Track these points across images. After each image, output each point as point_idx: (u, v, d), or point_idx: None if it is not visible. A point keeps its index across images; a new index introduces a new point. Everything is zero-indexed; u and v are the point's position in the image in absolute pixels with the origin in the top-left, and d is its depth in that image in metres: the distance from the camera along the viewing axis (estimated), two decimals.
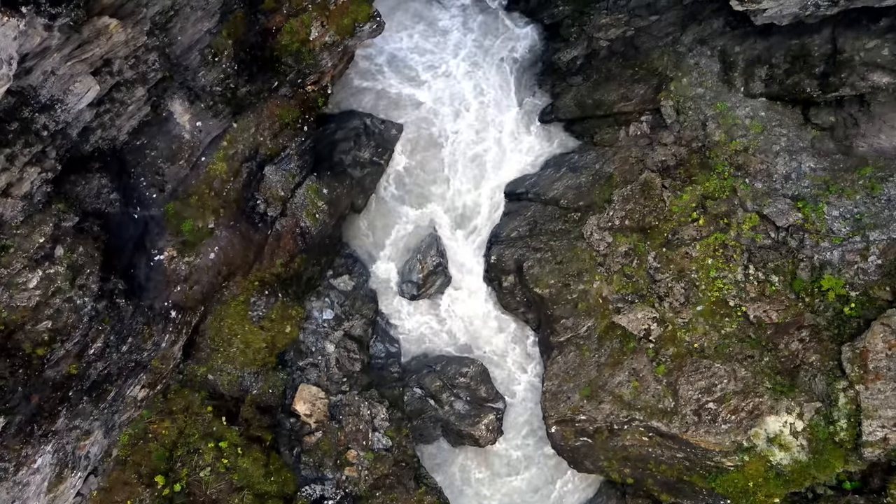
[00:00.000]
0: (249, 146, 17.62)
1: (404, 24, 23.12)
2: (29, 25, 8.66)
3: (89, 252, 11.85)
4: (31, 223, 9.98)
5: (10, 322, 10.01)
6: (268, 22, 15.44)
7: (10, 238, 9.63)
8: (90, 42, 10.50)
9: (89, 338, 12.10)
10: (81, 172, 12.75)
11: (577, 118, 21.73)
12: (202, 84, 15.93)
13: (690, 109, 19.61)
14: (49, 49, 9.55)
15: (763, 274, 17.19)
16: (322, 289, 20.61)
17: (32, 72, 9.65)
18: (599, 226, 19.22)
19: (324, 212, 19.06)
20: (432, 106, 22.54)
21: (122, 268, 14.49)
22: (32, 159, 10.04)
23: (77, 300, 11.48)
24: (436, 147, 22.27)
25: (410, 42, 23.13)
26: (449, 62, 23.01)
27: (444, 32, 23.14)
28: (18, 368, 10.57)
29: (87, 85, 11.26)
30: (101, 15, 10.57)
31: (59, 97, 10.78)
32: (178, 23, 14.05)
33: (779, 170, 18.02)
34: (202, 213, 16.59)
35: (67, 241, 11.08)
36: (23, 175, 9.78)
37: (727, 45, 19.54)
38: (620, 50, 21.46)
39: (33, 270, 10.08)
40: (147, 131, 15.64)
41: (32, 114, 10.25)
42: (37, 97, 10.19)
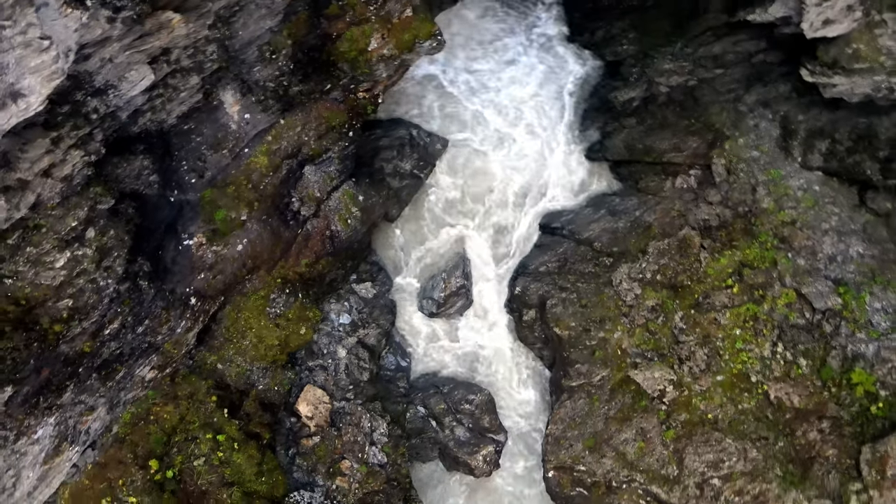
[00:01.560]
0: (293, 144, 17.67)
1: (463, 44, 22.98)
2: (92, 18, 8.73)
3: (120, 235, 11.96)
4: (67, 205, 10.11)
5: (32, 298, 10.15)
6: (329, 27, 15.44)
7: (44, 218, 9.75)
8: (151, 34, 10.58)
9: (107, 318, 12.23)
10: (124, 154, 12.89)
11: (625, 161, 21.33)
12: (256, 78, 16.03)
13: (742, 171, 19.07)
14: (109, 39, 9.63)
15: (791, 354, 16.60)
16: (343, 292, 20.59)
17: (90, 58, 9.74)
18: (630, 275, 18.82)
19: (356, 218, 19.04)
20: (479, 127, 22.36)
21: (151, 250, 14.64)
22: (78, 142, 10.14)
23: (101, 281, 11.60)
24: (477, 168, 22.07)
25: (467, 61, 22.99)
26: (502, 86, 22.80)
27: (502, 56, 22.95)
28: (33, 342, 10.72)
29: (143, 73, 11.36)
30: (164, 9, 10.64)
31: (113, 83, 10.89)
32: (242, 18, 14.13)
33: (825, 249, 17.39)
34: (236, 204, 16.68)
35: (100, 224, 11.19)
36: (66, 157, 9.89)
37: (791, 111, 18.94)
38: (679, 99, 20.98)
39: (62, 251, 10.20)
40: (195, 117, 15.79)
41: (85, 97, 10.36)
42: (91, 82, 10.30)
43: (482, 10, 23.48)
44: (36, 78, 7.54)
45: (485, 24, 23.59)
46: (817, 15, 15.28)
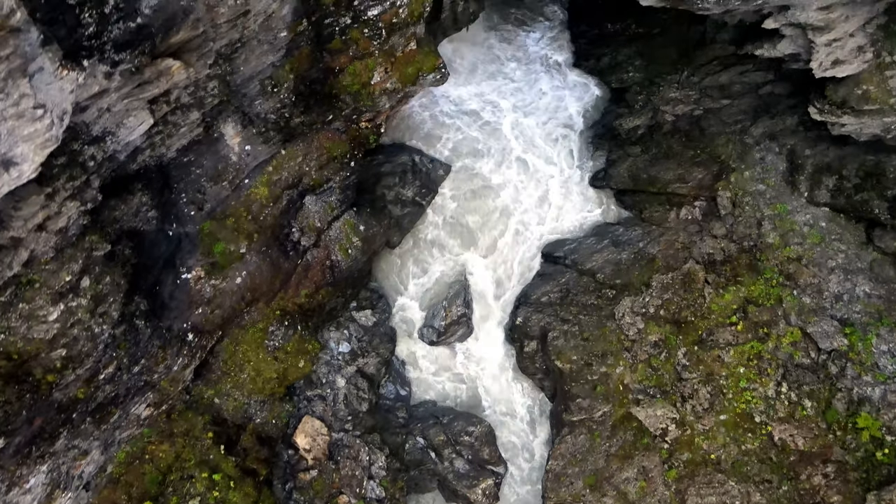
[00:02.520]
0: (294, 174, 17.47)
1: (467, 69, 22.79)
2: (89, 76, 8.53)
3: (116, 280, 11.75)
4: (62, 259, 9.89)
5: (25, 352, 9.93)
6: (332, 61, 15.23)
7: (37, 273, 9.54)
8: (150, 82, 10.37)
9: (102, 363, 12.01)
10: (122, 194, 12.68)
11: (629, 190, 21.12)
12: (257, 111, 15.81)
13: (748, 205, 18.86)
14: (107, 91, 9.42)
15: (796, 395, 16.38)
16: (343, 320, 20.38)
17: (87, 110, 9.54)
18: (633, 309, 18.61)
19: (357, 248, 18.83)
20: (482, 153, 22.17)
21: (148, 287, 14.41)
22: (74, 192, 9.93)
23: (96, 328, 11.38)
24: (479, 195, 21.89)
25: (470, 86, 22.79)
26: (505, 111, 22.61)
27: (505, 81, 22.76)
28: (26, 393, 10.50)
29: (142, 118, 11.16)
30: (164, 56, 10.43)
31: (111, 130, 10.68)
32: (244, 54, 13.91)
33: (831, 287, 17.17)
34: (236, 237, 16.47)
35: (95, 272, 10.98)
36: (61, 210, 9.68)
37: (797, 145, 18.74)
38: (685, 128, 20.78)
39: (55, 304, 9.99)
40: (195, 149, 15.56)
41: (81, 146, 10.15)
42: (88, 132, 10.09)
43: (487, 35, 23.29)
44: (29, 146, 7.33)
45: (488, 49, 23.41)
46: (826, 55, 15.07)
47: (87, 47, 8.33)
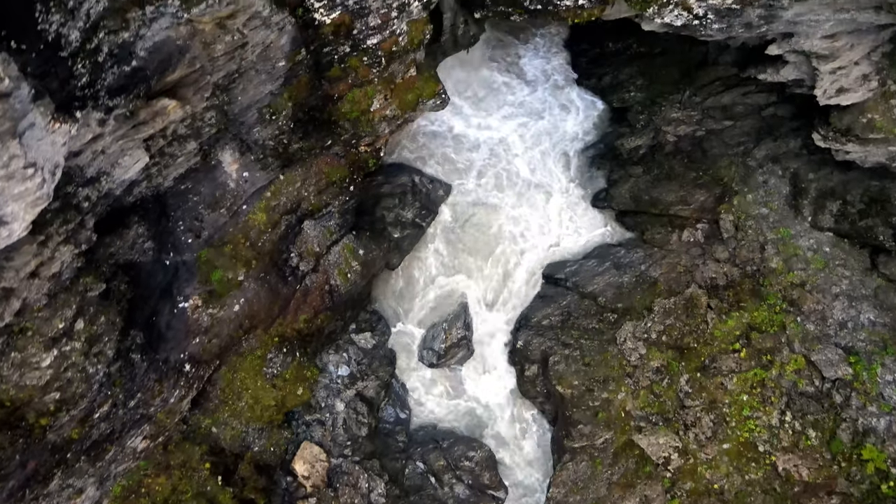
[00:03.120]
0: (292, 199, 17.29)
1: (468, 88, 22.62)
2: (82, 125, 8.36)
3: (111, 318, 11.57)
4: (55, 305, 9.71)
5: (17, 400, 9.75)
6: (331, 89, 15.06)
7: (29, 321, 9.37)
8: (146, 123, 10.20)
9: (97, 403, 11.83)
10: (118, 229, 12.50)
11: (631, 211, 20.94)
12: (255, 138, 15.63)
13: (751, 228, 18.69)
14: (101, 136, 9.25)
15: (800, 425, 16.19)
16: (342, 342, 20.20)
17: (81, 154, 9.37)
18: (635, 334, 18.43)
19: (356, 272, 18.65)
20: (483, 173, 21.99)
21: (144, 319, 14.23)
22: (68, 236, 9.75)
23: (90, 369, 11.20)
24: (480, 216, 21.71)
25: (471, 105, 22.61)
26: (506, 130, 22.43)
27: (507, 100, 22.57)
28: (19, 438, 10.32)
29: (138, 157, 10.99)
30: (159, 96, 10.26)
31: (106, 170, 10.52)
32: (241, 84, 13.74)
33: (835, 315, 16.99)
34: (234, 264, 16.28)
35: (90, 313, 10.80)
36: (55, 255, 9.50)
37: (801, 169, 18.57)
38: (687, 149, 20.60)
39: (48, 350, 9.81)
40: (193, 177, 15.38)
41: (76, 189, 9.98)
42: (82, 174, 9.92)
43: (486, 52, 23.11)
44: (20, 205, 7.16)
45: (487, 66, 23.23)
46: (831, 83, 14.90)
47: (81, 97, 8.16)
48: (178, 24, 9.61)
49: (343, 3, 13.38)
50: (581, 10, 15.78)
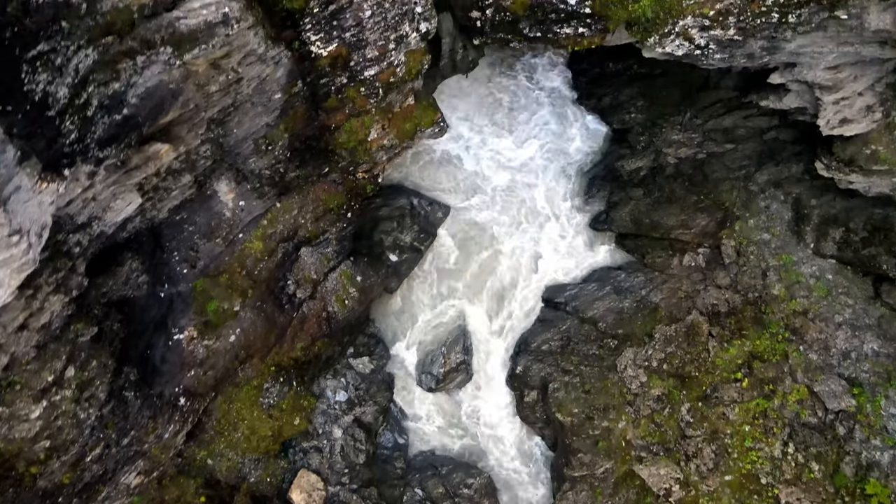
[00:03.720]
0: (289, 227, 17.09)
1: (467, 108, 22.43)
2: (71, 180, 8.16)
3: (103, 361, 11.37)
4: (44, 357, 9.51)
5: (6, 452, 9.56)
6: (328, 119, 14.87)
7: (18, 374, 9.17)
8: (138, 168, 10.00)
9: (88, 446, 11.63)
10: (110, 268, 12.30)
11: (631, 234, 20.74)
12: (251, 168, 15.43)
13: (752, 254, 18.50)
14: (92, 185, 9.05)
15: (803, 457, 16.00)
16: (340, 367, 20.00)
17: (71, 203, 9.17)
18: (635, 361, 18.24)
19: (354, 298, 18.45)
20: (481, 194, 21.80)
21: (139, 353, 14.04)
22: (58, 285, 9.55)
23: (81, 414, 11.01)
24: (478, 238, 21.52)
25: (470, 125, 22.42)
26: (505, 151, 22.24)
27: (506, 120, 22.37)
28: (8, 488, 10.12)
29: (130, 199, 10.80)
30: (151, 141, 10.06)
31: (97, 215, 10.32)
32: (237, 117, 13.54)
33: (838, 344, 16.80)
34: (229, 294, 16.08)
35: (81, 359, 10.60)
36: (44, 306, 9.30)
37: (803, 194, 18.38)
38: (688, 172, 20.41)
39: (38, 402, 9.61)
40: (188, 207, 15.18)
41: (66, 236, 9.78)
42: (73, 222, 9.72)
43: (487, 71, 22.90)
44: (4, 272, 6.97)
45: (488, 85, 23.02)
46: (834, 113, 14.72)
47: (69, 153, 7.96)
48: (171, 69, 9.41)
49: (340, 35, 13.20)
50: (581, 39, 15.60)
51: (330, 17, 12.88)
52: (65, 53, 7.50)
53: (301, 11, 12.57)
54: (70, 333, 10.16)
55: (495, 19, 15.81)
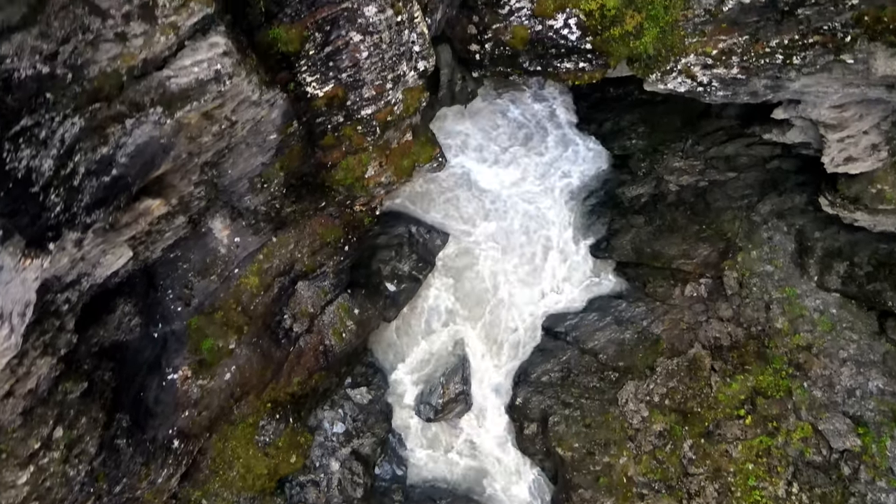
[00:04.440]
0: (285, 262, 16.84)
1: (466, 133, 22.18)
2: (56, 251, 7.91)
3: (94, 415, 11.11)
4: (30, 423, 9.25)
5: None
6: (324, 156, 14.62)
7: (4, 443, 8.92)
8: (128, 225, 9.75)
9: (78, 502, 11.35)
10: (101, 316, 12.04)
11: (632, 262, 20.48)
12: (247, 205, 15.18)
13: (755, 286, 18.25)
14: (80, 251, 8.79)
15: (807, 497, 15.75)
16: (337, 398, 19.74)
17: (59, 263, 8.90)
18: (637, 395, 17.99)
19: (351, 332, 18.20)
20: (480, 220, 21.54)
21: (131, 398, 13.78)
22: (46, 347, 9.29)
23: (70, 472, 10.74)
24: (477, 264, 21.27)
25: (469, 150, 22.16)
26: (505, 176, 21.98)
27: (505, 143, 22.12)
28: None
29: (121, 253, 10.54)
30: (142, 197, 9.81)
31: (87, 272, 10.06)
32: (231, 158, 13.28)
33: (843, 381, 16.55)
34: (225, 332, 15.84)
35: (70, 417, 10.34)
36: (31, 371, 9.04)
37: (807, 226, 18.13)
38: (690, 200, 20.16)
39: (24, 468, 9.35)
40: (182, 244, 14.94)
41: (54, 296, 9.52)
42: (61, 282, 9.47)
43: (487, 94, 22.66)
44: None
45: (489, 108, 22.77)
46: (839, 151, 14.48)
47: (55, 225, 7.71)
48: (162, 126, 9.16)
49: (336, 76, 12.95)
50: (582, 73, 15.37)
51: (326, 59, 12.64)
52: (49, 126, 7.25)
53: (296, 54, 12.32)
54: (58, 394, 9.90)
55: (494, 53, 15.59)
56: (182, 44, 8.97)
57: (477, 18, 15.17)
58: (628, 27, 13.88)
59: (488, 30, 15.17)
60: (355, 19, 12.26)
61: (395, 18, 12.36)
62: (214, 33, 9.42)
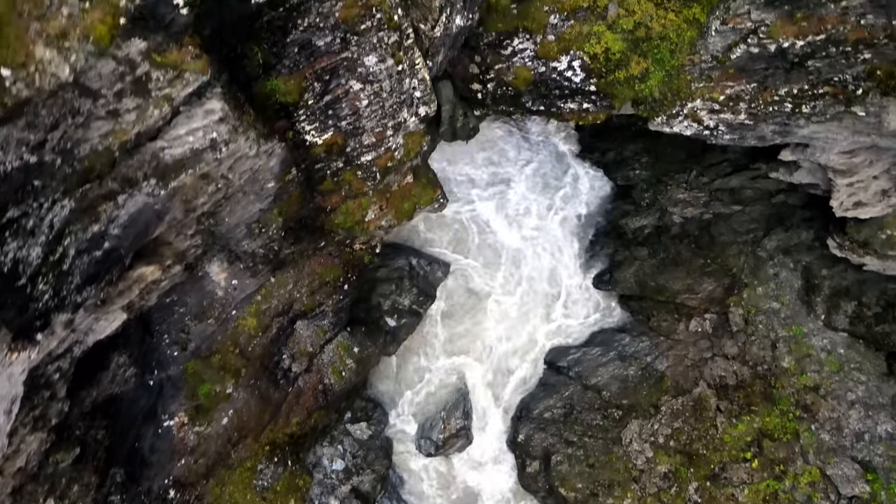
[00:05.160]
0: (284, 302, 16.57)
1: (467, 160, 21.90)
2: (45, 337, 7.62)
3: (86, 482, 10.82)
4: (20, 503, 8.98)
5: None
6: (323, 201, 14.35)
7: None
8: (121, 294, 9.46)
9: None
10: (94, 374, 11.74)
11: (636, 296, 20.21)
12: (244, 249, 14.91)
13: (761, 324, 17.97)
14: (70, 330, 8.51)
15: None
16: (337, 434, 19.44)
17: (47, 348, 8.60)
18: (641, 435, 17.71)
19: (351, 370, 17.91)
20: (481, 250, 21.25)
21: (126, 450, 13.48)
22: (36, 423, 9.00)
23: None
24: (479, 296, 20.98)
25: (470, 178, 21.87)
26: (505, 204, 21.68)
27: (505, 169, 21.82)
28: None
29: (115, 317, 10.24)
30: (136, 265, 9.53)
31: (79, 340, 9.77)
32: (229, 206, 13.02)
33: (851, 424, 16.27)
34: (222, 376, 15.56)
35: (61, 486, 10.04)
36: (20, 448, 8.75)
37: (813, 263, 17.86)
38: (694, 233, 19.88)
39: None
40: (178, 289, 14.65)
41: (44, 368, 9.22)
42: (50, 355, 9.17)
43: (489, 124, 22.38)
44: None
45: (491, 136, 22.49)
46: (848, 196, 14.22)
47: (43, 313, 7.42)
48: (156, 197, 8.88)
49: (336, 124, 12.67)
50: (586, 114, 15.11)
51: (325, 107, 12.36)
52: (38, 214, 6.97)
53: (295, 104, 12.04)
54: (49, 466, 9.61)
55: (497, 93, 15.33)
56: (177, 110, 8.69)
57: (479, 58, 14.91)
58: (633, 71, 13.62)
59: (491, 70, 14.90)
60: (355, 69, 11.98)
61: (396, 68, 12.08)
62: (210, 97, 9.15)
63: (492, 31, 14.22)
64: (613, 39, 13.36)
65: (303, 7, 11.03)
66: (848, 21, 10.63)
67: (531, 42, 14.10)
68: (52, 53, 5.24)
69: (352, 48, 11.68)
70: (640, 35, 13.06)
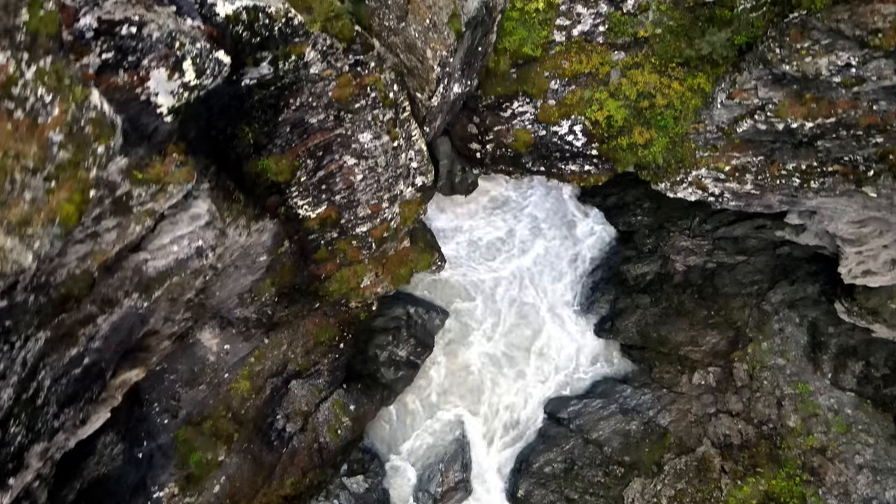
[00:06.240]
0: (278, 363, 16.17)
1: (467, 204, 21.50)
2: (20, 477, 7.22)
3: None
4: None
5: None
6: (318, 269, 13.96)
7: None
8: (105, 402, 9.07)
9: None
10: (79, 465, 11.33)
11: (637, 345, 19.82)
12: (237, 316, 14.54)
13: (766, 380, 17.58)
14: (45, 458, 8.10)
15: None
16: (333, 488, 19.02)
17: (23, 481, 8.19)
18: (644, 496, 17.31)
19: (347, 427, 17.53)
20: (480, 296, 20.87)
21: None
22: None
23: None
24: (477, 344, 20.58)
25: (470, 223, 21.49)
26: (506, 250, 21.31)
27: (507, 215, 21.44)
28: None
29: (99, 416, 9.83)
30: (119, 372, 9.13)
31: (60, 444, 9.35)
32: (220, 281, 12.64)
33: (859, 489, 15.88)
34: (214, 443, 15.15)
35: None
36: None
37: (820, 319, 17.46)
38: (697, 283, 19.49)
39: None
40: (169, 357, 14.28)
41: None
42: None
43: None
44: None
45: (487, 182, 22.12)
46: (857, 264, 13.83)
47: (15, 455, 7.02)
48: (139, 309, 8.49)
49: (329, 198, 12.30)
50: (587, 176, 14.74)
51: (318, 183, 11.98)
52: (9, 355, 6.58)
53: (287, 182, 11.66)
54: None
55: (496, 153, 14.97)
56: (161, 216, 8.30)
57: (478, 119, 14.54)
58: (637, 140, 13.24)
59: (490, 131, 14.54)
60: (349, 144, 11.60)
61: (392, 144, 11.70)
62: (196, 196, 8.76)
63: (491, 94, 13.85)
64: (616, 107, 12.99)
65: (295, 87, 10.65)
66: (860, 106, 10.25)
67: (531, 105, 13.74)
68: (14, 242, 4.86)
69: (346, 125, 11.31)
70: (644, 105, 12.68)
